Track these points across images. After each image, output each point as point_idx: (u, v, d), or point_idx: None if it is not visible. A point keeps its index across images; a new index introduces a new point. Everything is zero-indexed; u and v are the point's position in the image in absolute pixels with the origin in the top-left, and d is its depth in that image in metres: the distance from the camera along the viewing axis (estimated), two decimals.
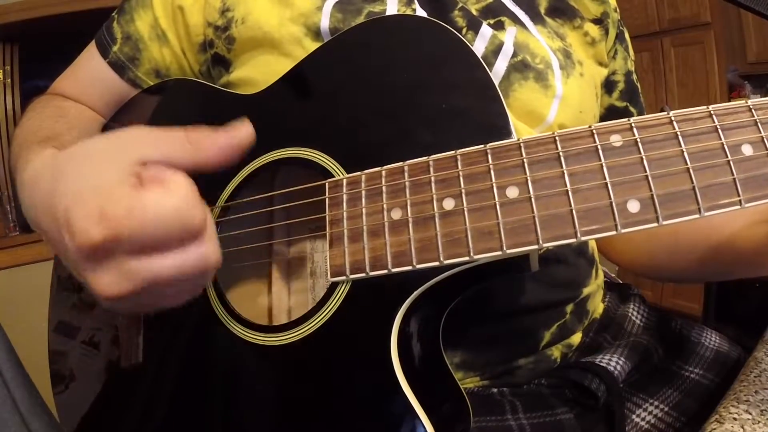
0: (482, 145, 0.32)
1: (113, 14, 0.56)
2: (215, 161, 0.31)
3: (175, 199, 0.27)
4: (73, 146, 0.32)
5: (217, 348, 0.41)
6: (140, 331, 0.45)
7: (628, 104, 0.59)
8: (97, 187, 0.28)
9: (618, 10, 0.58)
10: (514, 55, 0.46)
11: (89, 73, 0.56)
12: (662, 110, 0.30)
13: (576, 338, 0.50)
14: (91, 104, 0.56)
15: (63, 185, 0.29)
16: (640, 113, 0.60)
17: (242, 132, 0.32)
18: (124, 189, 0.27)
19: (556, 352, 0.48)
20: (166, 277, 0.28)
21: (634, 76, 0.60)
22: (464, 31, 0.46)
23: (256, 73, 0.48)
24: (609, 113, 0.58)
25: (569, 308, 0.49)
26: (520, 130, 0.46)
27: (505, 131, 0.33)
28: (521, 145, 0.31)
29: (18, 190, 0.38)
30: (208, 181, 0.44)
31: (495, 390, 0.46)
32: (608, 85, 0.58)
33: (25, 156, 0.39)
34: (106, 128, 0.55)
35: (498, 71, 0.45)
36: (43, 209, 0.31)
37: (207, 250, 0.29)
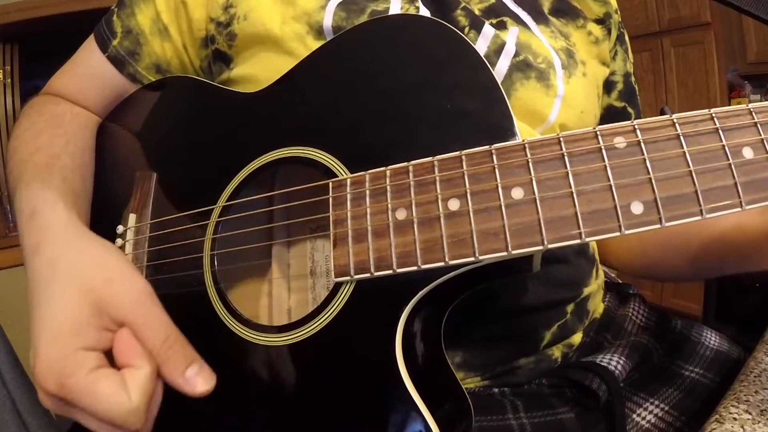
0: (487, 146, 0.33)
1: (113, 8, 0.56)
2: (171, 382, 0.34)
3: (125, 405, 0.31)
4: (63, 258, 0.37)
5: (219, 347, 0.41)
6: None
7: (626, 105, 0.59)
8: (64, 350, 0.32)
9: (619, 11, 0.58)
10: (516, 54, 0.46)
11: (88, 68, 0.56)
12: (662, 110, 0.30)
13: (576, 338, 0.51)
14: (89, 101, 0.55)
15: (43, 309, 0.34)
16: (637, 114, 0.60)
17: (201, 389, 0.34)
18: (87, 364, 0.32)
19: (556, 351, 0.48)
20: (93, 429, 0.33)
21: (633, 78, 0.60)
22: (466, 30, 0.46)
23: (258, 70, 0.48)
24: (607, 113, 0.59)
25: (570, 308, 0.49)
26: (521, 131, 0.46)
27: (509, 132, 0.34)
28: (526, 146, 0.31)
29: (17, 219, 0.43)
30: (209, 180, 0.44)
31: (496, 390, 0.46)
32: (607, 86, 0.58)
33: (25, 195, 0.43)
34: (103, 127, 0.55)
35: (500, 71, 0.46)
36: (31, 288, 0.37)
37: None
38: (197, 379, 0.34)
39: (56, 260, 0.37)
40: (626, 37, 0.60)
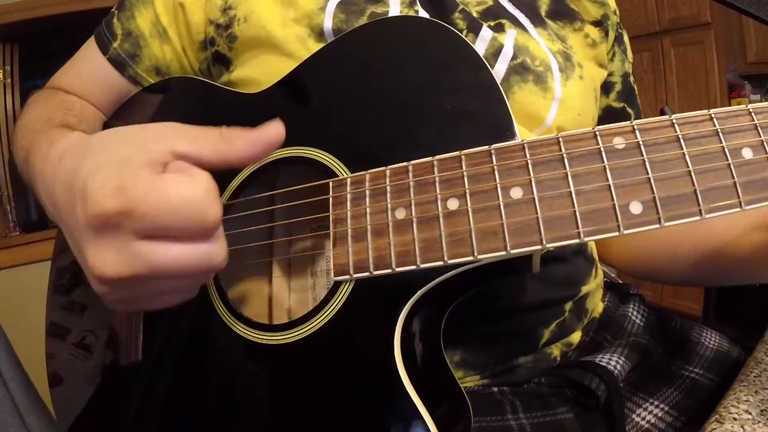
0: (486, 146, 0.33)
1: (113, 10, 0.56)
2: (246, 157, 0.31)
3: (197, 191, 0.27)
4: (105, 131, 0.32)
5: (219, 346, 0.41)
6: (140, 330, 0.45)
7: (625, 105, 0.59)
8: (122, 162, 0.28)
9: (617, 12, 0.58)
10: (514, 57, 0.46)
11: (88, 70, 0.56)
12: (662, 110, 0.30)
13: (575, 337, 0.51)
14: (91, 100, 0.55)
15: (88, 161, 0.29)
16: (637, 114, 0.60)
17: (272, 130, 0.31)
18: (148, 170, 0.27)
19: (555, 350, 0.49)
20: (167, 268, 0.28)
21: (631, 78, 0.60)
22: (464, 33, 0.46)
23: (258, 72, 0.48)
24: (606, 114, 0.59)
25: (568, 306, 0.49)
26: (519, 134, 0.46)
27: (509, 132, 0.34)
28: (525, 146, 0.31)
29: (32, 174, 0.38)
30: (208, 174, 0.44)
31: (495, 389, 0.46)
32: (605, 87, 0.58)
33: (44, 139, 0.38)
34: (106, 126, 0.55)
35: (498, 73, 0.46)
36: (63, 183, 0.30)
37: (214, 249, 0.29)
38: (266, 130, 0.31)
39: (87, 142, 0.32)
40: (625, 38, 0.60)
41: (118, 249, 0.27)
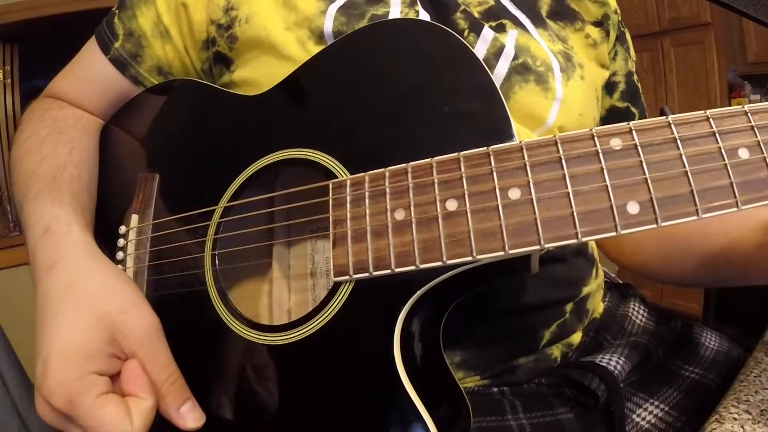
0: (485, 148, 0.33)
1: (114, 9, 0.56)
2: (167, 415, 0.37)
3: (127, 430, 0.33)
4: (89, 281, 0.39)
5: (219, 347, 0.41)
6: None
7: (630, 105, 0.59)
8: (78, 370, 0.34)
9: (618, 11, 0.58)
10: (515, 57, 0.46)
11: (90, 71, 0.56)
12: (662, 110, 0.30)
13: (576, 337, 0.51)
14: (91, 102, 0.55)
15: (60, 333, 0.36)
16: (641, 113, 0.60)
17: (192, 424, 0.37)
18: (95, 389, 0.34)
19: (556, 351, 0.49)
20: None
21: (635, 77, 0.60)
22: (466, 33, 0.46)
23: (258, 74, 0.48)
24: (610, 114, 0.58)
25: (569, 307, 0.49)
26: (520, 134, 0.46)
27: (507, 134, 0.34)
28: (523, 147, 0.32)
29: (25, 233, 0.44)
30: (210, 181, 0.44)
31: (495, 389, 0.46)
32: (609, 86, 0.58)
33: (34, 211, 0.44)
34: (107, 129, 0.55)
35: (499, 73, 0.46)
36: (42, 305, 0.38)
37: None
38: (189, 416, 0.37)
39: (72, 283, 0.38)
40: (627, 36, 0.60)
41: (55, 418, 0.35)
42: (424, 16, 0.47)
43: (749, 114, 0.28)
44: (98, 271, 0.40)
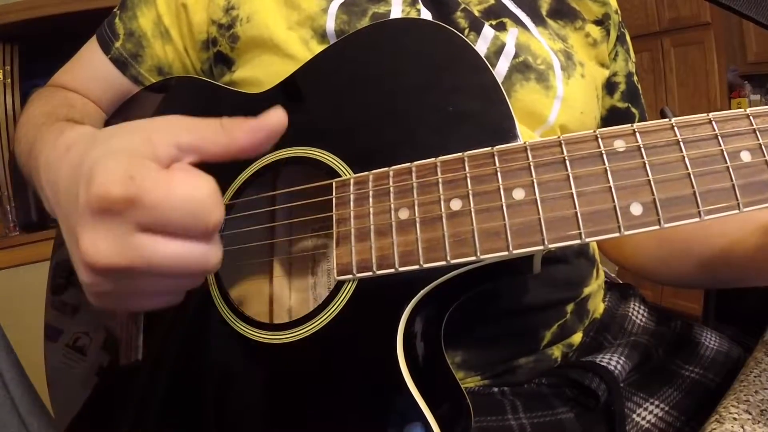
0: (489, 148, 0.33)
1: (115, 10, 0.56)
2: (248, 147, 0.31)
3: (202, 192, 0.27)
4: (113, 126, 0.32)
5: (220, 345, 0.41)
6: (140, 329, 0.45)
7: (630, 105, 0.59)
8: (131, 152, 0.27)
9: (619, 12, 0.58)
10: (516, 56, 0.46)
11: (90, 69, 0.56)
12: (662, 111, 0.30)
13: (576, 338, 0.51)
14: (92, 99, 0.55)
15: (96, 149, 0.29)
16: (641, 114, 0.60)
17: (274, 118, 0.31)
18: (156, 164, 0.27)
19: (556, 351, 0.49)
20: (163, 263, 0.27)
21: (635, 78, 0.60)
22: (466, 32, 0.46)
23: (260, 73, 0.48)
24: (611, 114, 0.59)
25: (570, 308, 0.49)
26: (521, 132, 0.46)
27: (511, 134, 0.34)
28: (527, 148, 0.32)
29: (35, 165, 0.38)
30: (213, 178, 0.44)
31: (496, 389, 0.46)
32: (609, 87, 0.58)
33: (49, 131, 0.38)
34: (107, 125, 0.55)
35: (500, 72, 0.46)
36: (69, 169, 0.30)
37: (211, 251, 0.29)
38: (266, 118, 0.31)
39: (95, 135, 0.32)
40: (627, 37, 0.60)
41: (115, 237, 0.26)
42: (426, 14, 0.47)
43: (751, 117, 0.28)
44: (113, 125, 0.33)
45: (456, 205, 0.32)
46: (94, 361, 0.49)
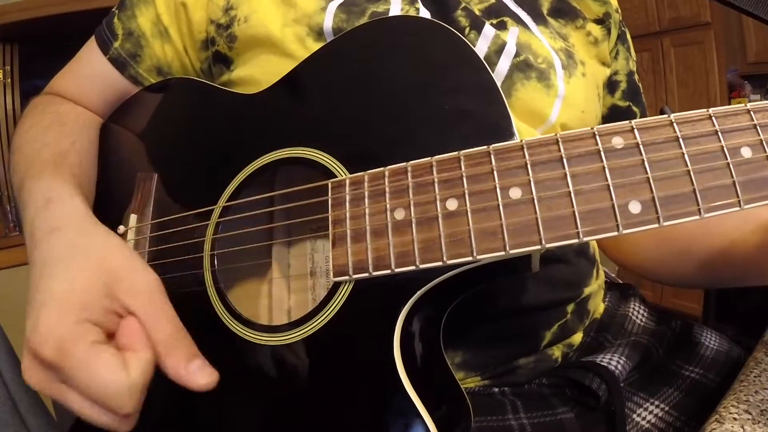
0: (485, 147, 0.33)
1: (113, 10, 0.56)
2: (170, 372, 0.34)
3: (121, 384, 0.30)
4: (83, 234, 0.37)
5: (218, 347, 0.41)
6: None
7: (631, 104, 0.59)
8: (80, 308, 0.32)
9: (619, 10, 0.58)
10: (517, 54, 0.46)
11: (89, 70, 0.56)
12: (662, 110, 0.30)
13: (577, 338, 0.51)
14: (90, 101, 0.56)
15: (54, 284, 0.33)
16: (642, 112, 0.60)
17: (203, 380, 0.33)
18: (90, 336, 0.31)
19: (557, 351, 0.49)
20: (77, 412, 0.31)
21: (636, 77, 0.60)
22: (467, 31, 0.46)
23: (258, 72, 0.48)
24: (612, 113, 0.59)
25: (570, 308, 0.49)
26: (522, 131, 0.46)
27: (508, 133, 0.34)
28: (524, 146, 0.31)
29: (22, 210, 0.42)
30: (209, 180, 0.44)
31: (496, 390, 0.46)
32: (610, 85, 0.58)
33: (35, 187, 0.42)
34: (105, 127, 0.55)
35: (501, 71, 0.46)
36: (40, 266, 0.35)
37: (120, 426, 0.32)
38: (200, 373, 0.33)
39: (75, 242, 0.36)
40: (628, 36, 0.60)
41: (42, 377, 0.32)
42: (425, 13, 0.47)
43: (752, 112, 0.28)
44: (102, 234, 0.38)
45: (452, 205, 0.32)
46: None
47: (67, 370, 0.30)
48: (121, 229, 0.48)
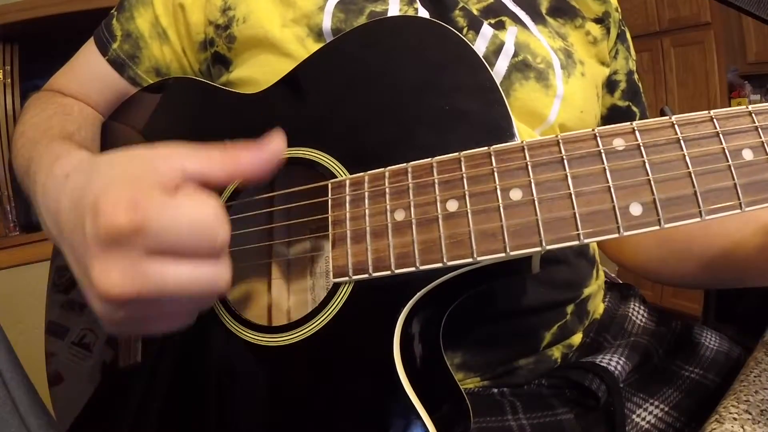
0: (486, 147, 0.33)
1: (112, 11, 0.56)
2: (252, 171, 0.31)
3: (207, 213, 0.28)
4: (111, 152, 0.32)
5: (218, 348, 0.41)
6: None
7: (630, 104, 0.59)
8: (134, 181, 0.28)
9: (619, 9, 0.58)
10: (515, 54, 0.46)
11: (88, 71, 0.56)
12: (662, 110, 0.30)
13: (576, 338, 0.51)
14: (90, 101, 0.55)
15: (98, 178, 0.29)
16: (642, 113, 0.60)
17: (274, 141, 0.32)
18: (160, 190, 0.27)
19: (556, 352, 0.49)
20: (174, 288, 0.27)
21: (636, 76, 0.60)
22: (465, 30, 0.46)
23: (257, 72, 0.48)
24: (611, 113, 0.58)
25: (570, 309, 0.49)
26: (521, 132, 0.46)
27: (508, 133, 0.34)
28: (525, 147, 0.31)
29: (32, 187, 0.38)
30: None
31: (495, 390, 0.46)
32: (610, 85, 0.58)
33: (45, 152, 0.39)
34: (105, 127, 0.55)
35: (499, 71, 0.46)
36: (70, 201, 0.30)
37: (220, 271, 0.29)
38: (268, 145, 0.31)
39: (95, 160, 0.32)
40: (628, 35, 0.60)
41: (125, 266, 0.27)
42: (423, 13, 0.47)
43: (753, 115, 0.28)
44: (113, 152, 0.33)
45: (452, 206, 0.32)
46: (99, 359, 0.49)
47: (147, 223, 0.26)
48: None
